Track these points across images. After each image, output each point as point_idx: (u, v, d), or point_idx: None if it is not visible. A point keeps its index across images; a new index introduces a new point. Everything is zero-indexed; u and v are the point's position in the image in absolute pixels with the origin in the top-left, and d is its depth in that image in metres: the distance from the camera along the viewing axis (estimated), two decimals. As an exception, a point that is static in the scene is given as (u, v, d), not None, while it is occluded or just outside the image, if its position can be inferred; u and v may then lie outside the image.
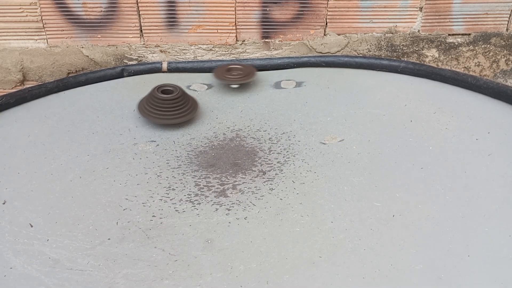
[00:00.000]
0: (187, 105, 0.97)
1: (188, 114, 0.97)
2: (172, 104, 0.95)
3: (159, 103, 0.95)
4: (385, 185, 0.78)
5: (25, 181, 0.80)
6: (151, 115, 0.95)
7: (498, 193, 0.75)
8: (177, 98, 0.95)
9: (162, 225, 0.70)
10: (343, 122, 0.97)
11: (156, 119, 0.95)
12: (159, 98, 0.95)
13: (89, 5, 1.22)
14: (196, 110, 0.99)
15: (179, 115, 0.95)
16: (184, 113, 0.96)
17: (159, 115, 0.95)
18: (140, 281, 0.60)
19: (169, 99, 0.94)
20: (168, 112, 0.95)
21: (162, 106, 0.95)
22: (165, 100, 0.94)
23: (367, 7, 1.27)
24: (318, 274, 0.61)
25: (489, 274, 0.60)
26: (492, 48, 1.35)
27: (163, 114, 0.95)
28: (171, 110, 0.95)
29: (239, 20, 1.27)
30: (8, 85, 1.29)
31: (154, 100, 0.95)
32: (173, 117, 0.95)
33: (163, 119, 0.95)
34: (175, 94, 0.95)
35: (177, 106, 0.95)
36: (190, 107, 0.98)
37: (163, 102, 0.94)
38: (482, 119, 0.96)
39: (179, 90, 0.96)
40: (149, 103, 0.96)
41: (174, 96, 0.95)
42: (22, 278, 0.60)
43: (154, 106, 0.95)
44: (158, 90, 0.96)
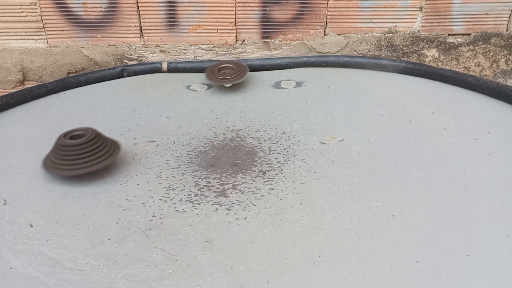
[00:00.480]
0: (106, 147, 0.81)
1: (105, 160, 0.80)
2: (85, 149, 0.78)
3: (66, 151, 0.78)
4: (385, 185, 0.78)
5: (25, 181, 0.80)
6: (56, 167, 0.78)
7: (498, 193, 0.75)
8: (90, 140, 0.79)
9: (162, 225, 0.70)
10: (343, 122, 0.97)
11: (61, 170, 0.78)
12: (67, 145, 0.78)
13: (89, 5, 1.22)
14: (116, 152, 0.82)
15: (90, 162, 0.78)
16: (103, 157, 0.80)
17: (71, 165, 0.78)
18: (140, 281, 0.60)
19: (81, 143, 0.78)
20: (82, 159, 0.78)
21: (73, 153, 0.78)
22: (75, 146, 0.78)
23: (367, 7, 1.27)
24: (318, 274, 0.61)
25: (489, 274, 0.60)
26: (492, 48, 1.35)
27: (76, 162, 0.78)
28: (85, 156, 0.78)
29: (239, 20, 1.27)
30: (8, 85, 1.28)
31: (61, 149, 0.78)
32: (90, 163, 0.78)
33: (69, 169, 0.78)
34: (85, 138, 0.79)
35: (91, 150, 0.79)
36: (108, 151, 0.81)
37: (73, 149, 0.78)
38: (482, 119, 0.96)
39: (92, 132, 0.80)
40: (57, 154, 0.79)
41: (83, 141, 0.78)
42: (22, 278, 0.60)
43: (63, 155, 0.78)
44: (65, 136, 0.80)
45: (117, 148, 0.83)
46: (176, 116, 1.02)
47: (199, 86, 1.16)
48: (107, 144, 0.81)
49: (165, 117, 1.01)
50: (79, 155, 0.78)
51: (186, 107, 1.05)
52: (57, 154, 0.79)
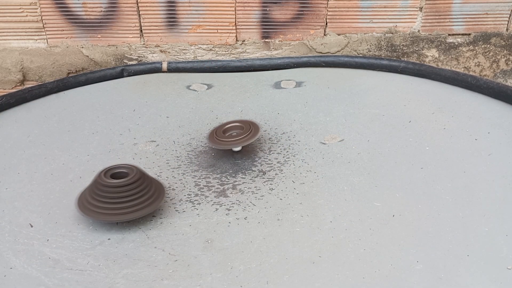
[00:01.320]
0: (150, 190, 0.71)
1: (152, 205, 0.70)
2: (127, 192, 0.68)
3: (106, 192, 0.68)
4: (385, 185, 0.78)
5: (25, 181, 0.80)
6: (97, 211, 0.68)
7: (498, 193, 0.75)
8: (134, 181, 0.68)
9: (162, 225, 0.70)
10: (343, 122, 0.97)
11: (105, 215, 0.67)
12: (108, 185, 0.67)
13: (89, 5, 1.22)
14: (162, 198, 0.71)
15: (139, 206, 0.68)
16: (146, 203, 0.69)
17: (110, 208, 0.67)
18: (140, 281, 0.60)
19: (123, 184, 0.68)
20: (123, 203, 0.67)
21: (113, 195, 0.67)
22: (117, 188, 0.67)
23: (367, 7, 1.27)
24: (318, 274, 0.61)
25: (489, 274, 0.60)
26: (492, 48, 1.35)
27: (116, 206, 0.67)
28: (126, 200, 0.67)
29: (239, 20, 1.27)
30: (8, 85, 1.28)
31: (100, 188, 0.68)
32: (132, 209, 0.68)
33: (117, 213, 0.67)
34: (132, 178, 0.68)
35: (135, 194, 0.68)
36: (154, 194, 0.71)
37: (114, 190, 0.67)
38: (482, 119, 0.96)
39: (136, 171, 0.69)
40: (94, 193, 0.68)
41: (130, 180, 0.68)
42: (22, 278, 0.60)
43: (102, 196, 0.68)
44: (105, 174, 0.69)
45: (162, 190, 0.73)
46: (176, 116, 1.02)
47: (199, 86, 1.16)
48: (152, 185, 0.71)
49: (165, 117, 1.01)
50: (121, 198, 0.67)
51: (186, 107, 1.05)
52: (95, 195, 0.68)
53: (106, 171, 0.70)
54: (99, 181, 0.68)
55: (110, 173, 0.70)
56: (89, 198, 0.69)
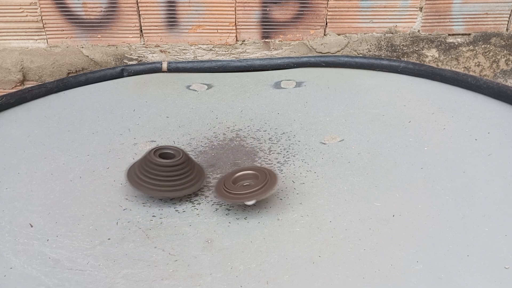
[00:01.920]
0: (192, 173, 0.76)
1: (193, 186, 0.76)
2: (172, 172, 0.74)
3: (155, 170, 0.74)
4: (385, 185, 0.78)
5: (25, 181, 0.80)
6: (143, 186, 0.74)
7: (498, 193, 0.75)
8: (180, 164, 0.75)
9: (162, 225, 0.70)
10: (343, 122, 0.97)
11: (149, 190, 0.74)
12: (155, 163, 0.74)
13: (89, 5, 1.22)
14: (202, 180, 0.78)
15: (180, 186, 0.75)
16: (187, 184, 0.75)
17: (154, 184, 0.74)
18: (140, 281, 0.60)
19: (169, 165, 0.74)
20: (167, 182, 0.74)
21: (159, 173, 0.74)
22: (163, 167, 0.74)
23: (367, 7, 1.27)
24: (318, 274, 0.61)
25: (489, 274, 0.60)
26: (492, 48, 1.35)
27: (160, 184, 0.74)
28: (170, 179, 0.74)
29: (239, 20, 1.27)
30: (8, 85, 1.29)
31: (148, 165, 0.74)
32: (173, 188, 0.74)
33: (160, 190, 0.74)
34: (178, 159, 0.75)
35: (178, 174, 0.74)
36: (195, 176, 0.77)
37: (160, 169, 0.74)
38: (482, 119, 0.96)
39: (182, 154, 0.76)
40: (142, 168, 0.75)
41: (176, 162, 0.74)
42: (22, 278, 0.60)
43: (148, 172, 0.74)
44: (155, 153, 0.76)
45: (203, 174, 0.78)
46: (176, 116, 1.02)
47: (199, 86, 1.16)
48: (194, 168, 0.77)
49: (165, 117, 1.01)
50: (168, 177, 0.73)
51: (186, 107, 1.05)
52: (144, 171, 0.74)
53: (155, 150, 0.76)
54: (149, 159, 0.74)
55: (158, 153, 0.76)
56: (139, 174, 0.75)
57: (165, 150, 0.77)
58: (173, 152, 0.77)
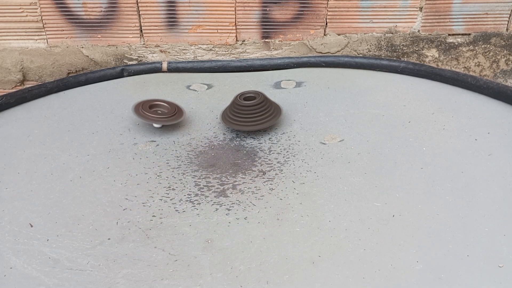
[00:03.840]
0: (270, 109, 0.96)
1: (272, 119, 0.95)
2: (255, 110, 0.93)
3: (242, 110, 0.93)
4: (385, 185, 0.78)
5: (25, 181, 0.80)
6: (235, 123, 0.94)
7: (498, 193, 0.75)
8: (260, 103, 0.94)
9: (162, 225, 0.70)
10: (343, 122, 0.97)
11: (240, 126, 0.93)
12: (241, 105, 0.94)
13: (89, 5, 1.22)
14: (279, 114, 0.97)
15: (262, 120, 0.94)
16: (268, 118, 0.94)
17: (243, 121, 0.93)
18: (140, 281, 0.60)
19: (252, 105, 0.93)
20: (252, 118, 0.93)
21: (245, 112, 0.93)
22: (248, 107, 0.93)
23: (367, 7, 1.27)
24: (318, 274, 0.61)
25: (489, 274, 0.60)
26: (492, 48, 1.35)
27: (247, 120, 0.93)
28: (254, 116, 0.93)
29: (239, 20, 1.27)
30: (8, 85, 1.29)
31: (236, 107, 0.94)
32: (258, 122, 0.93)
33: (248, 125, 0.93)
34: (258, 100, 0.94)
35: (260, 111, 0.93)
36: (273, 112, 0.96)
37: (246, 109, 0.93)
38: (482, 119, 0.96)
39: (261, 95, 0.95)
40: (232, 111, 0.95)
41: (257, 102, 0.93)
42: (22, 278, 0.60)
43: (237, 113, 0.94)
44: (240, 97, 0.95)
45: (279, 110, 0.98)
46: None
47: (199, 86, 1.16)
48: (271, 106, 0.96)
49: (165, 117, 1.01)
50: (251, 114, 0.93)
51: (186, 107, 1.05)
52: (233, 111, 0.94)
53: (240, 95, 0.96)
54: (236, 103, 0.94)
55: (243, 97, 0.95)
56: (230, 114, 0.95)
57: (247, 94, 0.96)
58: (253, 95, 0.96)
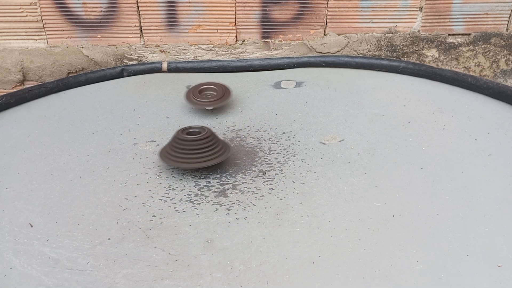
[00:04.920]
0: (217, 146, 0.85)
1: (219, 157, 0.84)
2: (199, 146, 0.83)
3: (185, 145, 0.83)
4: (385, 185, 0.78)
5: (25, 181, 0.80)
6: (175, 161, 0.83)
7: (498, 193, 0.75)
8: (204, 138, 0.84)
9: (162, 225, 0.70)
10: (343, 122, 0.97)
11: (181, 163, 0.83)
12: (184, 140, 0.84)
13: (89, 5, 1.22)
14: (228, 151, 0.86)
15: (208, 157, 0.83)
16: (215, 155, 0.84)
17: (184, 158, 0.83)
18: (140, 281, 0.60)
19: (196, 139, 0.83)
20: (196, 155, 0.83)
21: (188, 148, 0.83)
22: (191, 142, 0.83)
23: (367, 7, 1.27)
24: (318, 274, 0.61)
25: (489, 274, 0.60)
26: (492, 48, 1.35)
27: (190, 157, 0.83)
28: (198, 152, 0.83)
29: (239, 20, 1.27)
30: (8, 85, 1.29)
31: (178, 143, 0.84)
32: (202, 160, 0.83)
33: (190, 163, 0.83)
34: (203, 135, 0.84)
35: (205, 148, 0.83)
36: (221, 149, 0.85)
37: (189, 144, 0.83)
38: (482, 119, 0.96)
39: (207, 130, 0.86)
40: (173, 146, 0.84)
41: (201, 137, 0.84)
42: (22, 278, 0.60)
43: (179, 149, 0.84)
44: (183, 132, 0.86)
45: (228, 148, 0.87)
46: (176, 116, 1.02)
47: (199, 86, 1.16)
48: (219, 143, 0.86)
49: (165, 117, 1.01)
50: (194, 150, 0.83)
51: (186, 107, 1.05)
52: (174, 147, 0.84)
53: (183, 130, 0.86)
54: (178, 137, 0.84)
55: (186, 132, 0.86)
56: (169, 150, 0.84)
57: (191, 129, 0.87)
58: (198, 130, 0.87)
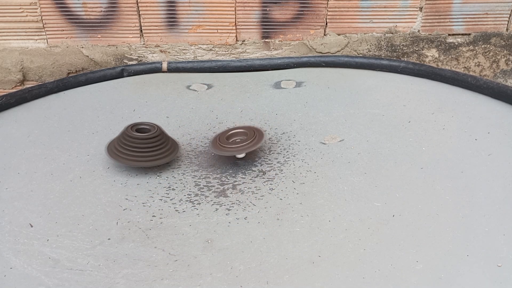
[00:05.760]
0: (166, 145, 0.84)
1: (166, 157, 0.83)
2: (148, 144, 0.81)
3: (133, 143, 0.81)
4: (385, 185, 0.78)
5: (25, 181, 0.80)
6: (121, 157, 0.82)
7: (498, 193, 0.75)
8: (154, 137, 0.82)
9: (162, 225, 0.70)
10: (343, 122, 0.97)
11: (127, 161, 0.81)
12: (133, 137, 0.82)
13: (89, 5, 1.22)
14: (176, 151, 0.85)
15: (155, 156, 0.82)
16: (162, 155, 0.83)
17: (132, 156, 0.81)
18: (140, 281, 0.60)
19: (144, 138, 0.81)
20: (143, 153, 0.81)
21: (137, 146, 0.81)
22: (140, 140, 0.81)
23: (367, 7, 1.27)
24: (318, 274, 0.61)
25: (489, 274, 0.60)
26: (492, 48, 1.35)
27: (137, 155, 0.81)
28: (146, 151, 0.81)
29: (239, 20, 1.27)
30: (8, 85, 1.28)
31: (126, 139, 0.82)
32: (149, 159, 0.82)
33: (136, 161, 0.81)
34: (152, 133, 0.82)
35: (154, 146, 0.82)
36: (169, 148, 0.85)
37: (138, 142, 0.81)
38: (482, 119, 0.96)
39: (157, 128, 0.84)
40: (121, 142, 0.82)
41: (150, 135, 0.82)
42: (22, 278, 0.60)
43: (127, 146, 0.82)
44: (132, 128, 0.83)
45: (177, 147, 0.87)
46: (176, 116, 1.02)
47: (199, 86, 1.16)
48: (168, 142, 0.85)
49: (165, 117, 1.01)
50: (143, 148, 0.81)
51: (186, 107, 1.05)
52: (123, 144, 0.82)
53: (132, 126, 0.83)
54: (127, 133, 0.81)
55: (135, 128, 0.83)
56: (118, 147, 0.82)
57: (141, 126, 0.85)
58: (148, 127, 0.84)
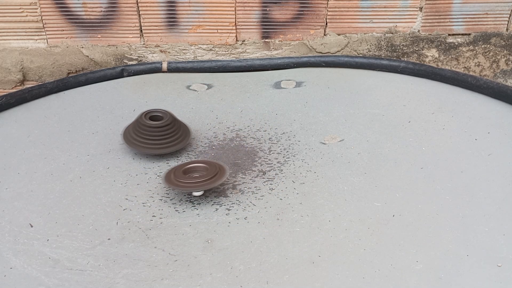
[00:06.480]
0: (178, 132, 0.87)
1: (180, 143, 0.87)
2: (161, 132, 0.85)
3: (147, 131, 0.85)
4: (385, 185, 0.78)
5: (25, 181, 0.80)
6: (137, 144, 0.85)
7: (498, 193, 0.75)
8: (167, 125, 0.85)
9: (162, 225, 0.70)
10: (343, 122, 0.97)
11: (143, 148, 0.85)
12: (146, 125, 0.85)
13: (89, 5, 1.22)
14: (188, 137, 0.88)
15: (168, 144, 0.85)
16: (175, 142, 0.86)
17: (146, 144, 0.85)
18: (140, 281, 0.60)
19: (158, 126, 0.85)
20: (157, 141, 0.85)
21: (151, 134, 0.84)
22: (153, 128, 0.85)
23: (367, 7, 1.27)
24: (318, 274, 0.61)
25: (489, 274, 0.60)
26: (492, 48, 1.35)
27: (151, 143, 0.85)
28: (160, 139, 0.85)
29: (239, 20, 1.27)
30: (8, 85, 1.29)
31: (141, 127, 0.85)
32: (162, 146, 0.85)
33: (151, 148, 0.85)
34: (165, 121, 0.85)
35: (167, 134, 0.85)
36: (181, 135, 0.88)
37: (151, 130, 0.84)
38: (482, 119, 0.96)
39: (169, 116, 0.87)
40: (136, 130, 0.86)
41: (163, 123, 0.85)
42: (22, 278, 0.60)
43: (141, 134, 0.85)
44: (145, 116, 0.86)
45: (189, 133, 0.90)
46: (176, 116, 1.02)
47: (199, 86, 1.16)
48: (180, 128, 0.88)
49: (165, 117, 1.01)
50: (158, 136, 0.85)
51: (186, 107, 1.05)
52: (137, 132, 0.85)
53: (146, 114, 0.86)
54: (140, 122, 0.85)
55: (149, 116, 0.86)
56: (133, 134, 0.86)
57: (154, 113, 0.87)
58: (161, 115, 0.87)
